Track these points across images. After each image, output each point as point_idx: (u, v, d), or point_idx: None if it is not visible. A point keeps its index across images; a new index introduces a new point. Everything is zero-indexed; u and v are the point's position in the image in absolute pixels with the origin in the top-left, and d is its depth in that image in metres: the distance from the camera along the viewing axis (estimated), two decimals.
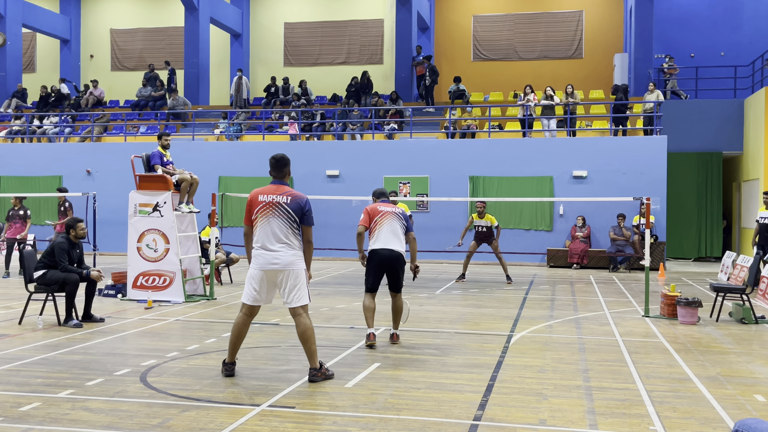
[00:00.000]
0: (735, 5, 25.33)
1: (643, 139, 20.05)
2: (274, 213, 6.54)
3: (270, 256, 6.50)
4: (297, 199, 6.62)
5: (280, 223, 6.54)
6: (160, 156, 12.22)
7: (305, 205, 6.65)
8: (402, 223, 8.43)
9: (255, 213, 6.59)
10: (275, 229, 6.53)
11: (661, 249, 18.72)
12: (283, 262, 6.50)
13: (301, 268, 6.60)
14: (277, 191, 6.62)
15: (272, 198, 6.56)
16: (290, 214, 6.57)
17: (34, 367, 7.13)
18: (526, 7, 28.34)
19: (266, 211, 6.55)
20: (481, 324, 10.03)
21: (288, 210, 6.56)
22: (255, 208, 6.59)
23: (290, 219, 6.57)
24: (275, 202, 6.56)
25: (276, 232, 6.52)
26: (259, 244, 6.57)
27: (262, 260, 6.53)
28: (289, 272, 6.52)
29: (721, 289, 10.57)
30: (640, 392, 6.39)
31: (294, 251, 6.56)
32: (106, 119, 25.04)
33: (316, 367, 6.62)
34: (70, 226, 9.82)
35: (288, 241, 6.55)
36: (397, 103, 23.52)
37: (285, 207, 6.56)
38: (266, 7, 30.06)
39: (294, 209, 6.58)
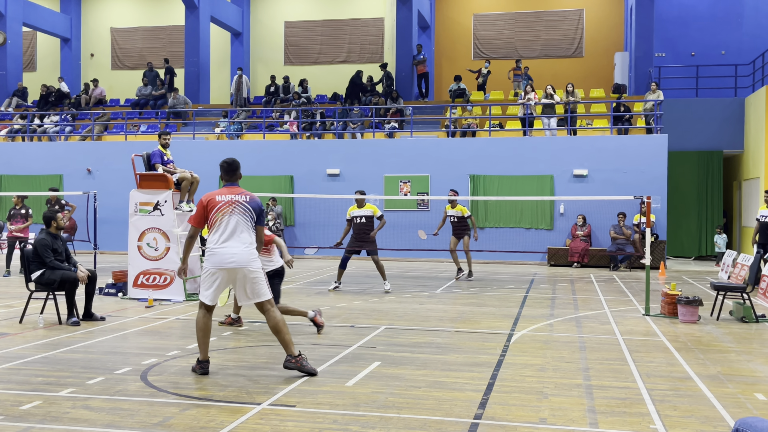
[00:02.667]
0: (736, 4, 25.31)
1: (644, 138, 20.04)
2: (234, 211, 6.65)
3: (227, 254, 6.56)
4: (254, 199, 6.81)
5: (240, 221, 6.65)
6: (160, 155, 12.22)
7: (261, 205, 6.84)
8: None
9: (213, 213, 6.65)
10: (234, 227, 6.62)
11: (661, 248, 18.72)
12: (240, 260, 6.57)
13: (259, 266, 6.69)
14: (233, 192, 6.75)
15: (231, 197, 6.69)
16: (250, 212, 6.72)
17: (35, 366, 7.13)
18: (526, 6, 28.34)
19: (226, 210, 6.65)
20: (482, 323, 10.03)
21: (248, 208, 6.71)
22: (212, 208, 6.66)
23: (249, 217, 6.72)
24: (235, 201, 6.68)
25: (235, 230, 6.62)
26: (217, 242, 6.62)
27: (218, 258, 6.57)
28: (247, 270, 6.59)
29: (721, 287, 10.57)
30: (640, 391, 6.39)
31: (251, 249, 6.65)
32: (106, 118, 25.05)
33: (293, 354, 6.74)
34: (51, 218, 9.77)
35: (246, 239, 6.66)
36: (397, 102, 23.51)
37: (245, 205, 6.70)
38: (267, 6, 30.05)
39: (253, 207, 6.74)
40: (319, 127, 23.37)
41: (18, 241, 16.00)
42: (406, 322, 10.02)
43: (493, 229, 20.33)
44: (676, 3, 25.62)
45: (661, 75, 23.33)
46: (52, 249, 9.55)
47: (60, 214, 9.85)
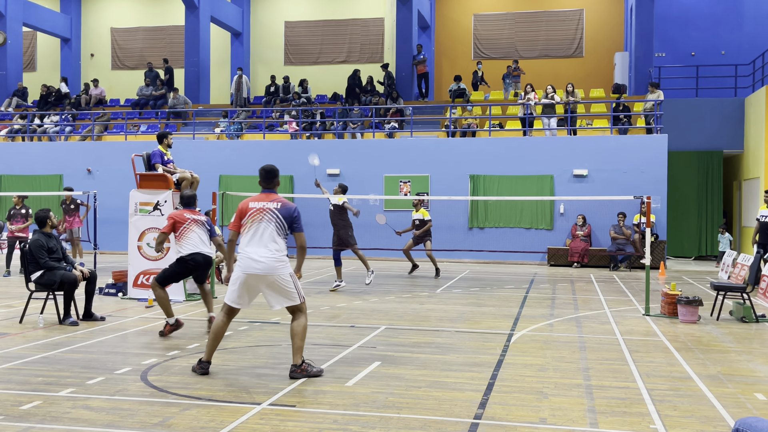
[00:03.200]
0: (736, 4, 25.31)
1: (644, 138, 20.04)
2: (264, 219, 6.68)
3: (255, 261, 6.60)
4: (286, 206, 6.78)
5: (268, 228, 6.67)
6: (160, 155, 12.21)
7: (294, 212, 6.78)
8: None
9: (245, 219, 6.73)
10: (264, 234, 6.66)
11: (661, 248, 18.72)
12: (266, 267, 6.59)
13: (286, 272, 6.67)
14: (267, 199, 6.80)
15: (263, 205, 6.73)
16: (280, 220, 6.70)
17: (35, 366, 7.14)
18: (526, 6, 28.34)
19: (256, 216, 6.70)
20: (482, 323, 10.03)
21: (278, 216, 6.70)
22: (245, 214, 6.74)
23: (280, 225, 6.70)
24: (266, 209, 6.71)
25: (264, 238, 6.65)
26: (246, 248, 6.68)
27: (245, 264, 6.62)
28: (274, 277, 6.61)
29: (721, 287, 10.57)
30: (640, 391, 6.39)
31: (278, 256, 6.64)
32: (106, 118, 25.05)
33: (297, 364, 6.71)
34: (45, 218, 9.75)
35: (274, 246, 6.65)
36: (397, 101, 23.51)
37: (275, 213, 6.70)
38: (267, 6, 30.05)
39: (284, 215, 6.72)
40: (319, 127, 23.37)
41: (18, 240, 16.01)
42: (406, 322, 10.02)
43: (493, 229, 20.33)
44: (676, 3, 25.62)
45: (661, 75, 23.33)
46: (47, 249, 9.55)
47: (51, 213, 9.83)
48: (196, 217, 8.99)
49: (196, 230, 8.91)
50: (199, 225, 8.95)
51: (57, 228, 10.05)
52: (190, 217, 8.93)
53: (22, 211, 16.21)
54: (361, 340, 8.57)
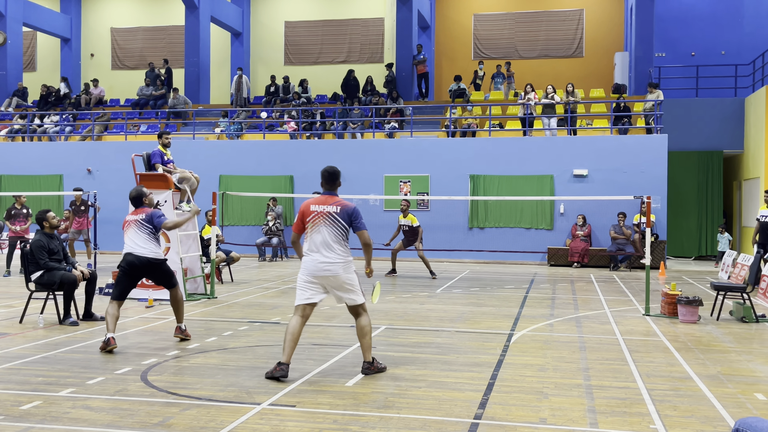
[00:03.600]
0: (736, 4, 25.31)
1: (644, 138, 20.04)
2: (324, 222, 6.84)
3: (320, 263, 6.78)
4: (345, 208, 6.90)
5: (331, 231, 6.84)
6: (160, 155, 12.22)
7: (353, 213, 6.91)
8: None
9: (307, 222, 6.91)
10: (326, 237, 6.82)
11: (661, 248, 18.72)
12: (333, 269, 6.78)
13: (351, 272, 6.87)
14: (327, 202, 6.93)
15: (323, 208, 6.88)
16: (340, 223, 6.85)
17: (35, 366, 7.14)
18: (526, 6, 28.34)
19: (317, 220, 6.86)
20: (482, 323, 10.03)
21: (337, 219, 6.85)
22: (307, 217, 6.91)
23: (340, 227, 6.86)
24: (326, 212, 6.86)
25: (327, 240, 6.82)
26: (311, 251, 6.86)
27: (312, 267, 6.80)
28: (340, 278, 6.80)
29: (721, 287, 10.57)
30: (640, 391, 6.39)
31: (342, 257, 6.83)
32: (106, 118, 25.05)
33: (369, 361, 6.91)
34: (42, 219, 9.75)
35: (338, 248, 6.82)
36: (397, 101, 23.51)
37: (335, 216, 6.86)
38: (267, 6, 30.05)
39: (343, 217, 6.86)
40: (319, 127, 23.37)
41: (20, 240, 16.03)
42: (406, 322, 10.02)
43: (493, 229, 20.33)
44: (676, 3, 25.63)
45: (661, 75, 23.33)
46: (48, 249, 9.55)
47: (50, 214, 9.82)
48: (134, 217, 8.47)
49: (130, 231, 8.38)
50: (136, 225, 8.39)
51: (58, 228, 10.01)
52: (128, 218, 8.55)
53: (24, 211, 16.23)
54: None
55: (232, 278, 15.05)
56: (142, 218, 8.40)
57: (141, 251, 8.22)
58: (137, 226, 8.36)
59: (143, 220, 8.38)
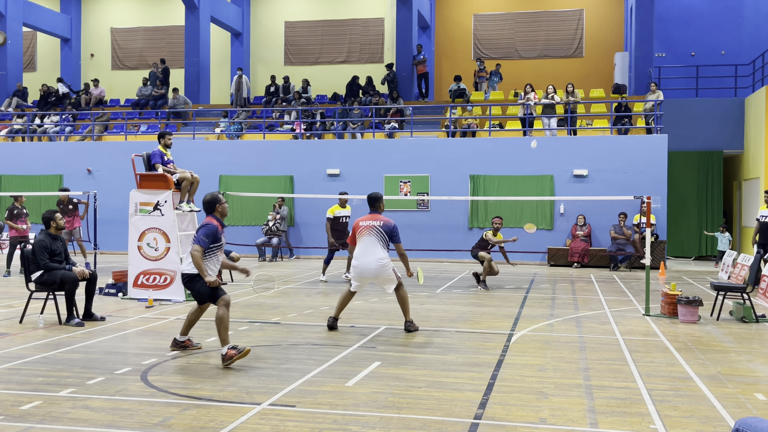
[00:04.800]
0: (736, 4, 25.32)
1: (644, 138, 20.04)
2: (371, 233, 9.06)
3: (365, 267, 9.02)
4: (387, 224, 9.14)
5: (373, 240, 9.01)
6: (160, 155, 12.22)
7: (393, 228, 9.14)
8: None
9: (357, 234, 9.14)
10: (368, 245, 9.03)
11: (661, 248, 18.72)
12: (374, 271, 8.99)
13: (389, 269, 9.03)
14: (373, 218, 9.21)
15: (369, 223, 9.16)
16: (382, 234, 9.06)
17: (35, 366, 7.14)
18: (526, 6, 28.34)
19: (364, 231, 9.11)
20: (482, 323, 10.03)
21: (381, 231, 9.06)
22: (356, 230, 9.17)
23: (382, 238, 9.05)
24: (372, 226, 9.11)
25: (369, 247, 9.02)
26: (358, 256, 9.06)
27: (360, 269, 9.06)
28: (381, 276, 9.03)
29: (721, 287, 10.57)
30: (640, 391, 6.39)
31: (383, 260, 8.99)
32: (106, 118, 25.05)
33: (410, 321, 9.21)
34: (50, 219, 9.76)
35: (379, 253, 8.98)
36: (397, 101, 23.52)
37: (378, 228, 9.07)
38: (267, 6, 30.06)
39: (385, 230, 9.07)
40: (319, 127, 23.38)
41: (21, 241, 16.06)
42: None
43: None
44: (676, 3, 25.63)
45: (661, 75, 23.33)
46: (51, 250, 9.54)
47: (57, 215, 9.82)
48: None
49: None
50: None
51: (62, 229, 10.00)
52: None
53: (24, 211, 16.27)
54: (361, 340, 8.57)
55: (232, 278, 15.05)
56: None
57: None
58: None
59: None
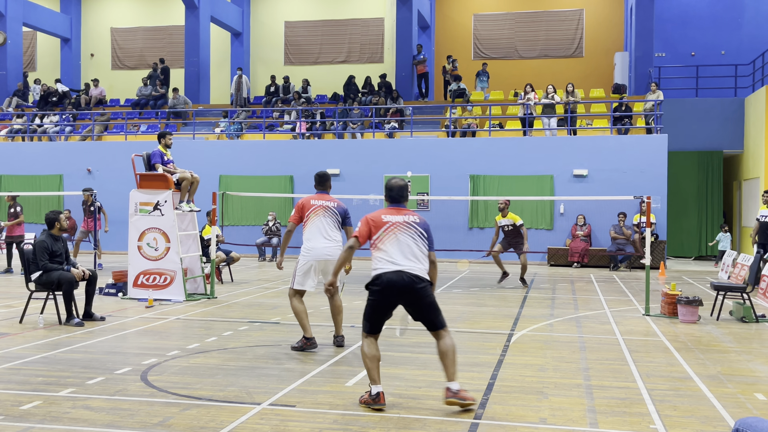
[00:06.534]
0: (736, 4, 25.32)
1: (644, 138, 20.04)
2: (326, 214, 7.99)
3: (322, 248, 7.91)
4: (341, 205, 8.12)
5: (330, 222, 7.99)
6: (160, 155, 12.22)
7: (347, 210, 8.14)
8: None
9: (309, 214, 7.99)
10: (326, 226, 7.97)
11: (661, 248, 18.72)
12: (332, 253, 7.85)
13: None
14: (325, 199, 8.11)
15: (322, 203, 8.05)
16: (337, 216, 8.03)
17: (35, 366, 7.14)
18: (526, 6, 28.34)
19: (319, 212, 7.99)
20: (482, 323, 10.03)
21: (335, 212, 8.03)
22: (308, 209, 8.01)
23: (336, 220, 8.03)
24: (325, 206, 8.03)
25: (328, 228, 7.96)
26: (312, 237, 7.94)
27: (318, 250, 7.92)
28: (334, 259, 7.65)
29: (721, 287, 10.57)
30: (640, 391, 6.39)
31: (340, 244, 7.86)
32: (106, 118, 25.04)
33: (342, 335, 8.30)
34: (54, 219, 9.74)
35: (337, 236, 8.00)
36: (397, 101, 23.51)
37: (333, 210, 8.05)
38: (267, 6, 30.05)
39: (340, 212, 8.06)
40: (319, 127, 23.38)
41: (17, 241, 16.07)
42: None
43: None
44: (676, 3, 25.63)
45: (661, 75, 23.33)
46: (51, 251, 9.54)
47: (62, 215, 9.82)
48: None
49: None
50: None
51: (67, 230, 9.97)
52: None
53: (17, 209, 16.28)
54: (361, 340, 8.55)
55: (232, 278, 15.05)
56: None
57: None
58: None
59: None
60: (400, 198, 6.37)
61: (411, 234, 6.05)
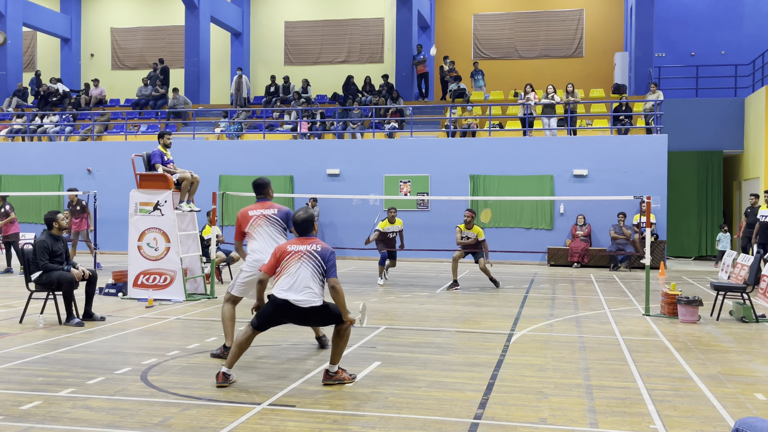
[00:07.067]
0: (735, 4, 25.32)
1: (644, 138, 20.04)
2: (268, 224, 7.62)
3: (289, 300, 6.97)
4: (281, 209, 7.67)
5: (274, 231, 7.62)
6: (160, 155, 12.21)
7: (288, 213, 7.62)
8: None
9: (250, 226, 7.64)
10: (271, 236, 7.57)
11: (661, 248, 18.72)
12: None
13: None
14: (264, 207, 7.73)
15: (261, 212, 7.66)
16: (279, 223, 7.63)
17: (35, 366, 7.14)
18: (526, 6, 28.34)
19: (260, 222, 7.60)
20: (482, 323, 10.03)
21: (277, 219, 7.61)
22: (249, 221, 7.64)
23: (281, 227, 7.69)
24: (265, 215, 7.63)
25: (273, 239, 7.57)
26: (258, 249, 7.54)
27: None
28: None
29: (721, 287, 10.57)
30: (640, 391, 6.39)
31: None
32: (106, 118, 25.05)
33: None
34: (52, 220, 9.75)
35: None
36: (397, 102, 23.51)
37: (275, 218, 7.62)
38: (267, 6, 30.05)
39: (281, 218, 7.61)
40: (319, 127, 23.38)
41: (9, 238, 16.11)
42: (406, 322, 10.02)
43: (493, 229, 20.30)
44: (676, 3, 25.63)
45: (661, 75, 23.33)
46: (51, 251, 9.54)
47: (60, 215, 9.81)
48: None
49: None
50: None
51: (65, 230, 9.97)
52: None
53: (7, 208, 16.27)
54: (361, 340, 8.57)
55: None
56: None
57: None
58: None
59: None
60: (305, 231, 6.67)
61: (310, 263, 6.52)
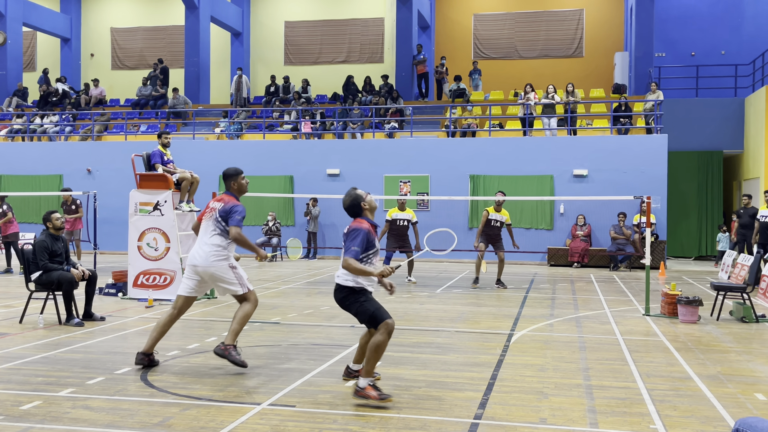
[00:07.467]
0: (736, 4, 25.32)
1: (644, 138, 20.04)
2: (209, 218, 7.18)
3: (192, 254, 7.24)
4: (225, 205, 7.11)
5: (209, 225, 7.18)
6: (160, 155, 12.21)
7: (231, 209, 7.10)
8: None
9: (200, 219, 7.36)
10: (204, 231, 7.21)
11: (661, 248, 18.72)
12: (202, 261, 7.14)
13: (224, 267, 7.23)
14: (216, 200, 7.24)
15: (211, 205, 7.21)
16: (218, 219, 7.12)
17: (35, 366, 7.13)
18: (526, 6, 28.35)
19: (204, 216, 7.24)
20: (482, 323, 10.03)
21: (217, 215, 7.10)
22: (201, 215, 7.32)
23: (219, 224, 7.14)
24: (212, 208, 7.16)
25: (204, 233, 7.24)
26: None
27: (190, 256, 7.26)
28: (210, 271, 7.18)
29: (721, 287, 10.57)
30: (640, 391, 6.39)
31: (216, 251, 7.17)
32: (106, 118, 25.05)
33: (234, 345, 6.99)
34: (47, 220, 9.75)
35: (215, 240, 7.12)
36: (397, 101, 23.51)
37: (215, 212, 7.12)
38: (267, 6, 30.06)
39: (221, 214, 7.08)
40: (319, 127, 23.38)
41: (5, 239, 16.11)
42: (406, 322, 10.02)
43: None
44: (676, 3, 25.63)
45: (661, 75, 23.33)
46: (51, 251, 9.54)
47: (54, 215, 9.81)
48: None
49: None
50: None
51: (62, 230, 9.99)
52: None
53: (5, 208, 16.28)
54: None
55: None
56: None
57: None
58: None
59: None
60: (354, 215, 6.37)
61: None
